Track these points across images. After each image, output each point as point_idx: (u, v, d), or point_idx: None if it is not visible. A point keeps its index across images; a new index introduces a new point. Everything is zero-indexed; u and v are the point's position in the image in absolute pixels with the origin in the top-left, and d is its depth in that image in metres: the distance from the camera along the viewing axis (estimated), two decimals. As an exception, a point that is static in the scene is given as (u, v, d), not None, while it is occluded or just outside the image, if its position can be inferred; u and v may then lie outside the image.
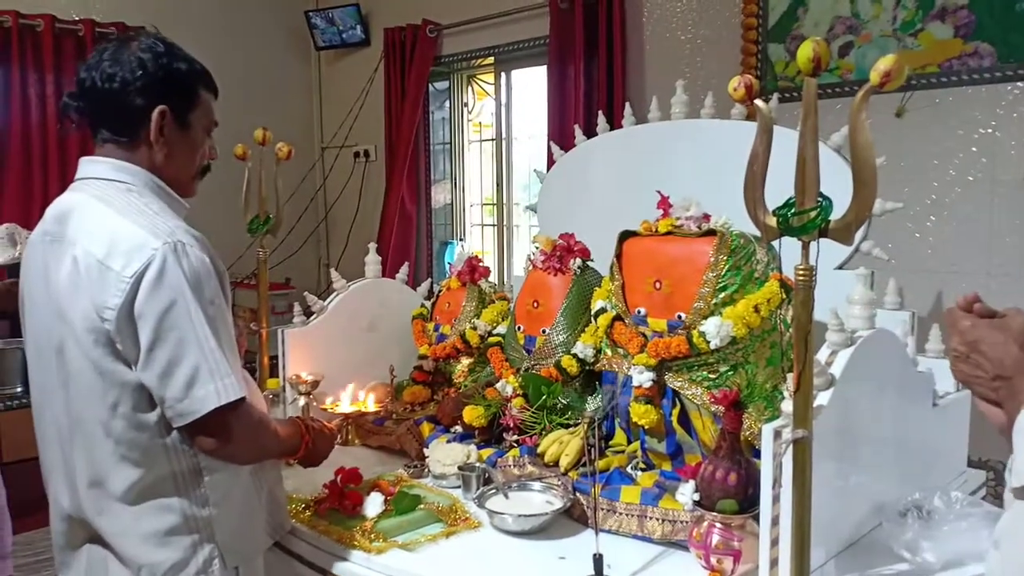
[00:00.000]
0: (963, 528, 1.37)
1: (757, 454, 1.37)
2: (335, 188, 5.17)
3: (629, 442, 1.77)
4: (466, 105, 4.78)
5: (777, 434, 1.25)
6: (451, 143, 4.81)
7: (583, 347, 1.91)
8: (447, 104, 4.79)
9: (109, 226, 1.28)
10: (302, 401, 2.10)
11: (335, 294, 2.33)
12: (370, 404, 2.14)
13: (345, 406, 2.13)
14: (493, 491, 1.68)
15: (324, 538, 1.55)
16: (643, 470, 1.68)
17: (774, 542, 1.26)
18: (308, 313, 2.30)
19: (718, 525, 1.36)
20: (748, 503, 1.35)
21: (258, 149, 2.15)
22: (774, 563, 1.27)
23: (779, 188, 1.11)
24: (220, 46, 4.27)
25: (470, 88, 4.76)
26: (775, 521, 1.26)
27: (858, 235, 1.81)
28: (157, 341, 1.23)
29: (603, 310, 1.81)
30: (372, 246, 2.46)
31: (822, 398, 1.29)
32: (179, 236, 1.27)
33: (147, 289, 1.23)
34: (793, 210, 1.07)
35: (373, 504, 1.61)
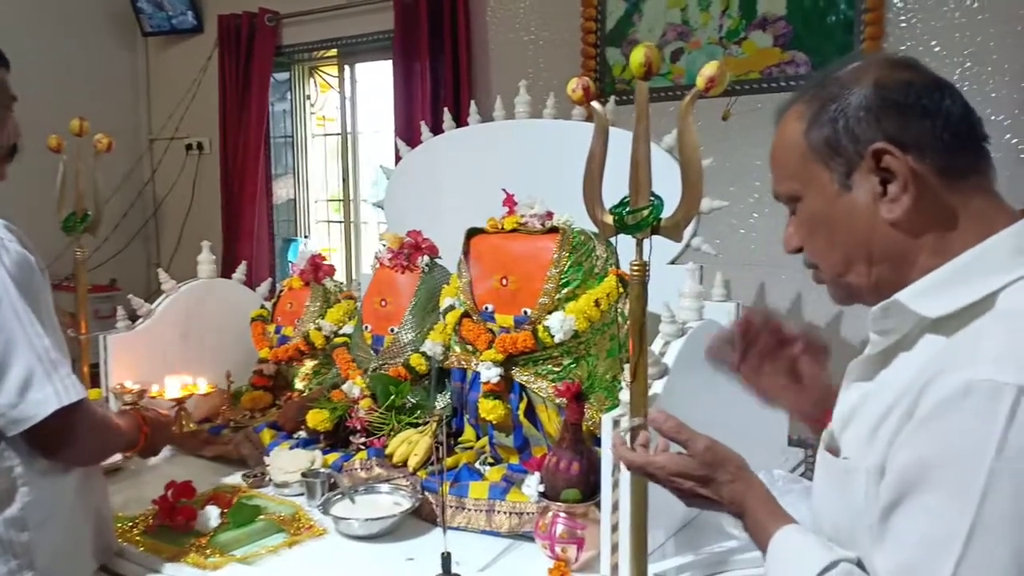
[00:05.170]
0: (786, 503, 1.47)
1: (600, 443, 1.42)
2: (165, 183, 4.85)
3: (478, 438, 1.78)
4: (309, 98, 4.62)
5: (616, 423, 1.30)
6: (293, 136, 4.64)
7: (432, 345, 1.89)
8: (288, 96, 4.61)
9: None
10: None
11: (163, 296, 2.18)
12: (202, 386, 1.99)
13: (174, 391, 1.93)
14: (339, 496, 1.63)
15: (154, 557, 1.45)
16: (491, 464, 1.69)
17: (614, 527, 1.31)
18: (134, 317, 2.14)
19: (562, 515, 1.39)
20: (591, 492, 1.39)
21: (75, 141, 1.97)
22: (615, 548, 1.32)
23: (618, 187, 1.15)
24: (33, 29, 3.90)
25: (313, 80, 4.61)
26: (615, 507, 1.31)
27: (688, 231, 1.92)
28: None
29: (452, 307, 1.81)
30: (206, 244, 2.32)
31: (657, 386, 1.35)
32: None
33: None
34: (627, 208, 1.11)
35: (208, 518, 1.52)
